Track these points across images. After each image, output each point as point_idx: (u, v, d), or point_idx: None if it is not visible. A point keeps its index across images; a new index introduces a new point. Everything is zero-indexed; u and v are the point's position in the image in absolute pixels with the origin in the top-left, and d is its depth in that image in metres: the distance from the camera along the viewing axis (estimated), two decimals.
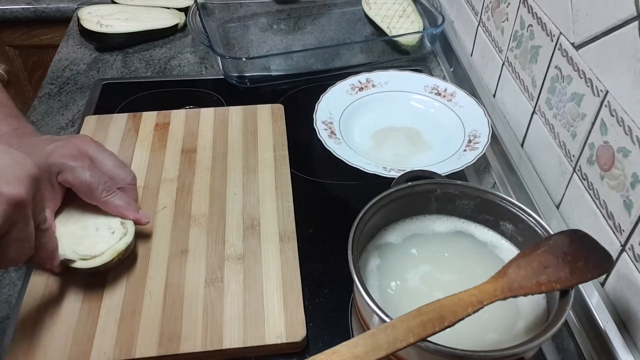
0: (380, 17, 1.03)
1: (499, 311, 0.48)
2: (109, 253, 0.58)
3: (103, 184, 0.61)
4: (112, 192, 0.61)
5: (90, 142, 0.63)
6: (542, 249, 0.47)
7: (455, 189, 0.56)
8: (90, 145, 0.63)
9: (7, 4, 1.19)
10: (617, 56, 0.54)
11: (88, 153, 0.62)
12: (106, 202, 0.61)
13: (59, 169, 0.59)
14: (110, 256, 0.58)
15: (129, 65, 0.98)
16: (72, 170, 0.59)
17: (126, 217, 0.62)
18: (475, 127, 0.78)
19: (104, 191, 0.61)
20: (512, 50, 0.77)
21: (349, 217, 0.52)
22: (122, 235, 0.60)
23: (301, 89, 0.92)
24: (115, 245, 0.59)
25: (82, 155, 0.61)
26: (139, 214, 0.63)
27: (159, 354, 0.54)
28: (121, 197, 0.62)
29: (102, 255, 0.58)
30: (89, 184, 0.60)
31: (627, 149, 0.53)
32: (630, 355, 0.52)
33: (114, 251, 0.59)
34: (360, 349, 0.40)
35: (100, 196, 0.61)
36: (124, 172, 0.64)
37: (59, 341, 0.55)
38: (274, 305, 0.58)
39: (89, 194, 0.61)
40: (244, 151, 0.76)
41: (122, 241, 0.60)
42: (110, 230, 0.61)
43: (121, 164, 0.64)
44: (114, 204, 0.61)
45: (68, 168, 0.59)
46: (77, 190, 0.61)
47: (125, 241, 0.60)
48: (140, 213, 0.63)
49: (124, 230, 0.61)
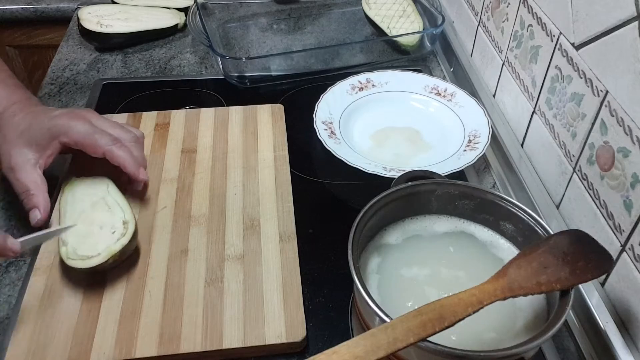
0: (380, 17, 1.03)
1: (498, 311, 0.48)
2: (104, 254, 0.58)
3: (107, 135, 0.64)
4: (117, 143, 0.64)
5: (92, 112, 0.67)
6: (542, 249, 0.47)
7: (455, 189, 0.56)
8: (92, 114, 0.67)
9: (7, 4, 1.19)
10: (617, 56, 0.54)
11: (88, 117, 0.66)
12: (110, 151, 0.64)
13: (62, 131, 0.63)
14: (105, 257, 0.58)
15: (129, 65, 0.98)
16: (73, 128, 0.63)
17: (127, 169, 0.64)
18: (475, 127, 0.78)
19: (109, 141, 0.64)
20: (512, 50, 0.77)
21: (349, 217, 0.52)
22: (121, 236, 0.60)
23: (301, 89, 0.92)
24: (112, 246, 0.59)
25: (83, 117, 0.65)
26: (139, 170, 0.65)
27: (159, 354, 0.54)
28: (125, 150, 0.64)
29: (99, 255, 0.58)
30: (91, 134, 0.63)
31: (627, 149, 0.53)
32: (630, 355, 0.52)
33: (109, 252, 0.58)
34: (360, 349, 0.40)
35: (105, 145, 0.63)
36: (125, 130, 0.66)
37: (59, 341, 0.55)
38: (274, 305, 0.58)
39: (93, 145, 0.63)
40: (244, 151, 0.76)
41: (119, 242, 0.59)
42: (112, 229, 0.61)
43: (122, 125, 0.67)
44: (118, 153, 0.64)
45: (70, 127, 0.63)
46: (82, 144, 0.64)
47: (122, 242, 0.59)
48: (140, 170, 0.65)
49: (123, 231, 0.60)
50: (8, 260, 0.65)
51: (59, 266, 0.61)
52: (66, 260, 0.58)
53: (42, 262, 0.62)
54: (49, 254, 0.62)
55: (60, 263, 0.61)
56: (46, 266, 0.61)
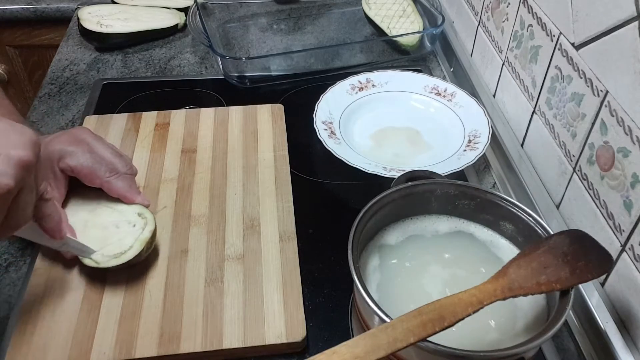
0: (380, 17, 1.03)
1: (499, 311, 0.48)
2: (137, 245, 0.59)
3: (105, 165, 0.62)
4: (114, 174, 0.63)
5: (88, 132, 0.65)
6: (542, 249, 0.47)
7: (455, 189, 0.56)
8: (88, 135, 0.64)
9: (7, 4, 1.19)
10: (617, 56, 0.54)
11: (86, 141, 0.63)
12: (109, 183, 0.62)
13: (60, 155, 0.61)
14: (139, 247, 0.59)
15: (129, 65, 0.98)
16: (72, 155, 0.61)
17: (128, 199, 0.63)
18: (475, 127, 0.78)
19: (107, 172, 0.62)
20: (512, 50, 0.77)
21: (349, 217, 0.52)
22: (144, 225, 0.61)
23: (301, 89, 0.92)
24: (141, 236, 0.60)
25: (81, 141, 0.62)
26: (141, 196, 0.64)
27: (159, 354, 0.54)
28: (123, 179, 0.63)
29: (131, 248, 0.59)
30: (90, 165, 0.61)
31: (627, 149, 0.53)
32: (630, 355, 0.52)
33: (142, 242, 0.59)
34: (360, 349, 0.40)
35: (104, 176, 0.62)
36: (123, 160, 0.65)
37: (59, 341, 0.55)
38: (274, 305, 0.58)
39: (91, 176, 0.62)
40: (244, 151, 0.76)
41: (147, 229, 0.60)
42: (131, 224, 0.61)
43: (119, 154, 0.65)
44: (117, 185, 0.62)
45: (68, 153, 0.61)
46: (79, 174, 0.62)
47: (150, 229, 0.60)
48: (141, 196, 0.64)
49: (144, 221, 0.61)
50: (8, 261, 0.65)
51: (59, 266, 0.61)
52: (97, 264, 0.58)
53: (42, 262, 0.62)
54: (49, 254, 0.62)
55: (60, 263, 0.61)
56: (46, 266, 0.61)
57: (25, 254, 0.66)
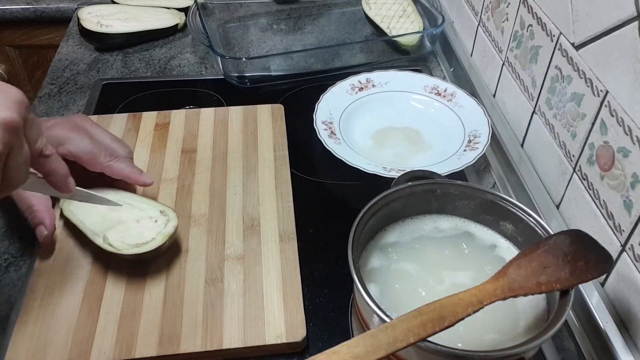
0: (380, 17, 1.03)
1: (499, 311, 0.48)
2: (159, 238, 0.60)
3: (105, 150, 0.63)
4: (114, 157, 0.64)
5: (87, 119, 0.66)
6: (542, 249, 0.47)
7: (456, 189, 0.56)
8: (87, 122, 0.65)
9: (7, 4, 1.19)
10: (617, 56, 0.54)
11: (85, 128, 0.64)
12: (110, 166, 0.63)
13: (59, 141, 0.62)
14: (161, 240, 0.59)
15: (129, 65, 0.98)
16: (72, 140, 0.62)
17: (131, 179, 0.64)
18: (475, 127, 0.78)
19: (107, 156, 0.63)
20: (512, 50, 0.77)
21: (349, 217, 0.52)
22: (167, 221, 0.61)
23: (301, 89, 0.92)
24: (164, 230, 0.60)
25: (81, 128, 0.64)
26: (144, 175, 0.65)
27: (159, 354, 0.54)
28: (124, 161, 0.64)
29: (153, 240, 0.59)
30: (90, 150, 0.62)
31: (627, 149, 0.53)
32: (630, 355, 0.52)
33: (165, 235, 0.60)
34: (360, 349, 0.40)
35: (104, 160, 0.63)
36: (122, 145, 0.66)
37: (59, 341, 0.55)
38: (274, 305, 0.58)
39: (92, 161, 0.63)
40: (244, 151, 0.76)
41: (170, 225, 0.61)
42: (152, 219, 0.62)
43: (117, 139, 0.66)
44: (119, 167, 0.64)
45: (68, 139, 0.62)
46: (80, 159, 0.63)
47: (173, 225, 0.61)
48: (144, 175, 0.65)
49: (166, 218, 0.62)
50: (8, 261, 0.65)
51: (59, 266, 0.61)
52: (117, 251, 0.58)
53: (42, 262, 0.62)
54: (49, 255, 0.62)
55: (60, 263, 0.61)
56: (46, 266, 0.61)
57: (25, 254, 0.66)
